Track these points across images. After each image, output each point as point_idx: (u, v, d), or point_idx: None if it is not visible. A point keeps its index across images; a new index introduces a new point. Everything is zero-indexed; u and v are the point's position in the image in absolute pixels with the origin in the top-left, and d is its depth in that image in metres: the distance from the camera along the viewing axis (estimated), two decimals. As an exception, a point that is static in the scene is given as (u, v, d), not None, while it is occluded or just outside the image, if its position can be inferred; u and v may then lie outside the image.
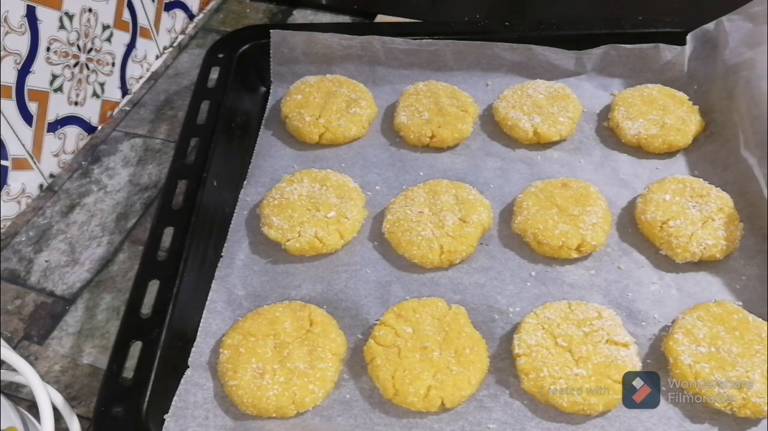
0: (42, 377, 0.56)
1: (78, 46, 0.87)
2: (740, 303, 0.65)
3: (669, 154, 0.79)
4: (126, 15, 0.95)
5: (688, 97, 0.82)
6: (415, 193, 0.73)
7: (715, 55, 0.82)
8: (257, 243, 0.72)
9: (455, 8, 1.08)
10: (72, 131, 0.89)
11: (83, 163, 0.89)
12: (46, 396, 0.54)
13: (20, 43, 0.77)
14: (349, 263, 0.70)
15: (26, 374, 0.55)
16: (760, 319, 0.62)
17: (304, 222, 0.70)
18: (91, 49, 0.89)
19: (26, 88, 0.79)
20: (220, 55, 0.86)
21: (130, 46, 0.97)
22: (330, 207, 0.72)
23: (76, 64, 0.87)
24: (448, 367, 0.59)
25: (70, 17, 0.84)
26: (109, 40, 0.92)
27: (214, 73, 0.84)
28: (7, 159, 0.79)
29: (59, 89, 0.85)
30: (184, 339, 0.63)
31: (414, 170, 0.79)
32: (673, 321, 0.63)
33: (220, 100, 0.81)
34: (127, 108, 0.96)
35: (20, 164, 0.81)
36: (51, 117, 0.84)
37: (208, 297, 0.67)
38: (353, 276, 0.69)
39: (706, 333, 0.60)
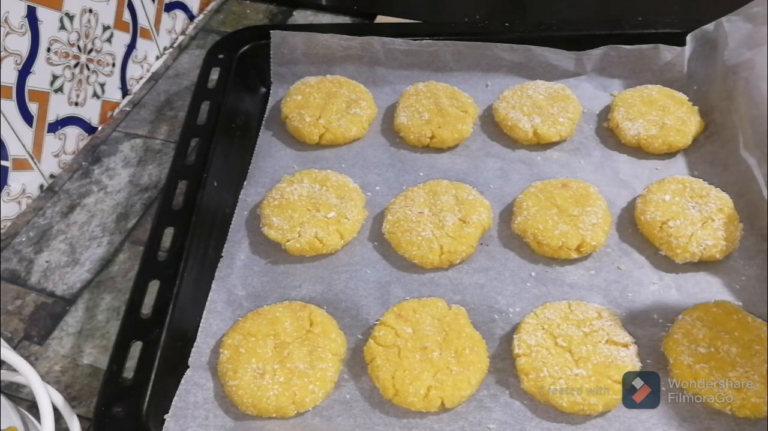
0: (42, 377, 0.56)
1: (78, 47, 0.87)
2: (740, 304, 0.65)
3: (669, 154, 0.79)
4: (126, 15, 0.95)
5: (687, 98, 0.82)
6: (415, 193, 0.73)
7: (714, 56, 0.82)
8: (257, 243, 0.72)
9: (455, 9, 1.08)
10: (72, 132, 0.89)
11: (83, 163, 0.89)
12: (47, 396, 0.54)
13: (21, 44, 0.77)
14: (349, 264, 0.70)
15: (26, 374, 0.54)
16: (760, 319, 0.62)
17: (304, 223, 0.70)
18: (91, 50, 0.89)
19: (27, 88, 0.80)
20: (221, 56, 0.86)
21: (131, 47, 0.97)
22: (330, 208, 0.72)
23: (76, 65, 0.87)
24: (448, 367, 0.59)
25: (71, 18, 0.84)
26: (109, 40, 0.92)
27: (215, 74, 0.85)
28: (7, 159, 0.79)
29: (60, 90, 0.85)
30: (184, 339, 0.63)
31: (414, 171, 0.79)
32: (673, 322, 0.63)
33: (220, 101, 0.81)
34: (128, 109, 0.96)
35: (20, 165, 0.81)
36: (51, 117, 0.84)
37: (209, 297, 0.67)
38: (353, 277, 0.69)
39: (705, 333, 0.60)
